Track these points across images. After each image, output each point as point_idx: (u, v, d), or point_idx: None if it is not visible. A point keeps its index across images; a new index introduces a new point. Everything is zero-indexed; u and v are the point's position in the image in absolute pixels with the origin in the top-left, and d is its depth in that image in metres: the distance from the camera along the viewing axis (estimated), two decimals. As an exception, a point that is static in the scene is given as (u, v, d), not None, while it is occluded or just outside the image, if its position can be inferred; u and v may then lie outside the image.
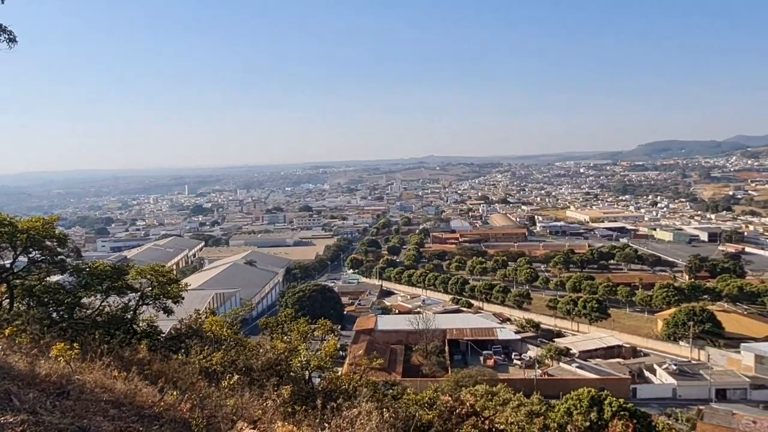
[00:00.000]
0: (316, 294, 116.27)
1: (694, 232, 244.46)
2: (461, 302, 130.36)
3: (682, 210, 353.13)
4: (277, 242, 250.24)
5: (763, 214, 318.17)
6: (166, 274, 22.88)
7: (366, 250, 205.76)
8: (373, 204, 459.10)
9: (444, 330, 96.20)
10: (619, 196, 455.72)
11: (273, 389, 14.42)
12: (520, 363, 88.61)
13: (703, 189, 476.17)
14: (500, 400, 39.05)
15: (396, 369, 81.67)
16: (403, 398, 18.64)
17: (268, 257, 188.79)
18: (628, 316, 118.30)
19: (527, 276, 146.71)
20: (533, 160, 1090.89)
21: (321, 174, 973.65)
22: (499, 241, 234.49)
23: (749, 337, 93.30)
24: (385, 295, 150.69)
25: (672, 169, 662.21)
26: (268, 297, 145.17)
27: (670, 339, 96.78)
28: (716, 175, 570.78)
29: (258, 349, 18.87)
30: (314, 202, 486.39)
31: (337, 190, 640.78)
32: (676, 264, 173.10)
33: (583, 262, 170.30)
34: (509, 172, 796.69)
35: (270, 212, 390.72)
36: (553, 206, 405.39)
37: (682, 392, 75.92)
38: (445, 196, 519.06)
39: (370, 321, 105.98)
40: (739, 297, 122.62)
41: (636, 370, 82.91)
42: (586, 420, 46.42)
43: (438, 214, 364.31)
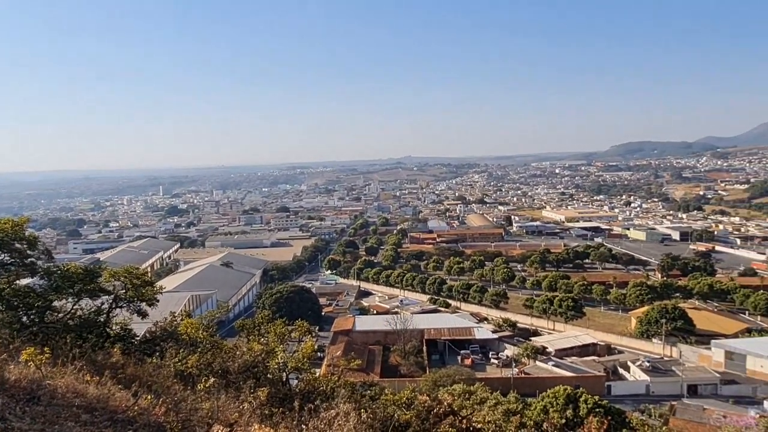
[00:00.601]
0: (293, 295, 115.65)
1: (666, 231, 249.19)
2: (439, 302, 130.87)
3: (655, 210, 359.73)
4: (254, 243, 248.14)
5: (732, 213, 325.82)
6: (140, 276, 22.52)
7: (344, 251, 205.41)
8: (350, 204, 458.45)
9: (422, 330, 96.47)
10: (593, 196, 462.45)
11: (250, 391, 14.30)
12: (498, 362, 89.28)
13: (675, 189, 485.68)
14: (477, 399, 39.32)
15: (374, 369, 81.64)
16: (381, 399, 18.62)
17: (245, 258, 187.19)
18: (603, 314, 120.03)
19: (504, 276, 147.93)
20: (510, 161, 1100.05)
21: (298, 174, 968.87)
22: (476, 241, 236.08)
23: (719, 334, 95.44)
24: (363, 295, 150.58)
25: (645, 170, 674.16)
26: (245, 299, 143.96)
27: (643, 336, 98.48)
28: (687, 175, 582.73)
29: (234, 351, 18.69)
30: (291, 202, 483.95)
31: (314, 191, 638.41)
32: (649, 263, 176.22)
33: (558, 262, 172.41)
34: (486, 173, 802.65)
35: (247, 213, 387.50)
36: (530, 206, 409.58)
37: (655, 388, 77.27)
38: (422, 197, 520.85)
39: (348, 322, 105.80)
40: (710, 294, 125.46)
41: (610, 368, 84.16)
42: (562, 417, 46.94)
43: (415, 215, 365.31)
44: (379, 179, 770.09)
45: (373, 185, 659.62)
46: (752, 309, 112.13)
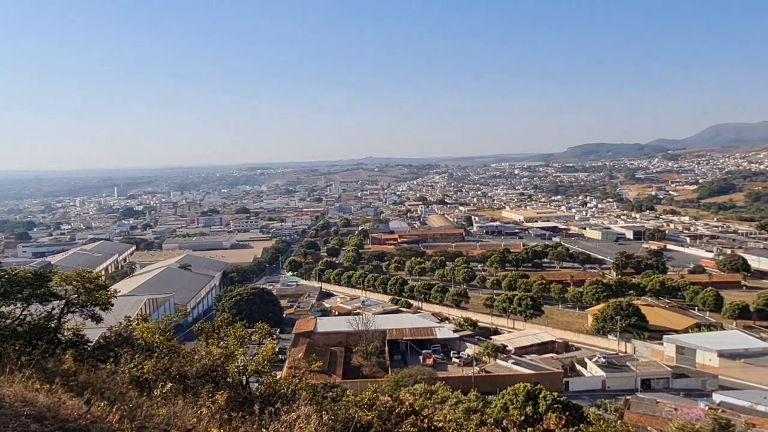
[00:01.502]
0: (253, 297, 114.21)
1: (620, 230, 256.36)
2: (400, 302, 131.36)
3: (610, 210, 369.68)
4: (213, 245, 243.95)
5: (683, 213, 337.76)
6: (93, 280, 21.86)
7: (305, 252, 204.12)
8: (311, 205, 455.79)
9: (384, 330, 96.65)
10: (551, 197, 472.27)
11: (208, 396, 14.05)
12: (459, 361, 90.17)
13: (629, 189, 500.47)
14: (439, 398, 39.62)
15: (336, 371, 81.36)
16: (342, 400, 18.55)
17: (204, 260, 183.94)
18: (561, 312, 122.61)
19: (465, 275, 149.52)
20: (470, 162, 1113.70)
21: (258, 175, 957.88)
22: (437, 241, 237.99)
23: (671, 329, 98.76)
24: (325, 296, 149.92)
25: (600, 171, 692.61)
26: (204, 301, 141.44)
27: (599, 333, 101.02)
28: (640, 176, 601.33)
29: (192, 355, 18.33)
30: (251, 203, 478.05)
31: (275, 192, 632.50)
32: (605, 261, 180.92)
33: (518, 261, 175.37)
34: (447, 173, 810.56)
35: (205, 214, 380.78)
36: (489, 207, 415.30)
37: (610, 384, 79.35)
38: (383, 197, 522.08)
39: (309, 323, 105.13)
40: (662, 292, 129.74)
41: (568, 364, 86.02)
42: (521, 414, 47.72)
43: (377, 215, 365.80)
44: (340, 180, 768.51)
45: (334, 186, 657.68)
46: (701, 305, 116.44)
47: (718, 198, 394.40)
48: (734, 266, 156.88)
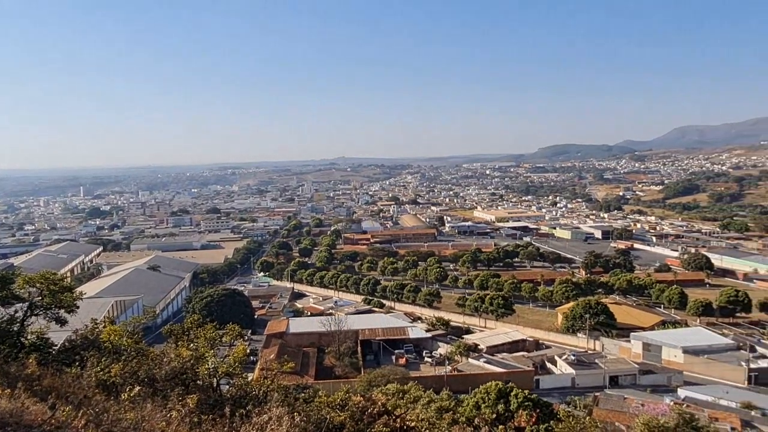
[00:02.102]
0: (225, 298, 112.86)
1: (589, 230, 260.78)
2: (373, 302, 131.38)
3: (579, 209, 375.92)
4: (183, 246, 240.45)
5: (649, 213, 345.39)
6: (58, 281, 21.34)
7: (277, 253, 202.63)
8: (283, 205, 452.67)
9: (356, 331, 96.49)
10: (522, 197, 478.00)
11: (178, 399, 13.84)
12: (431, 360, 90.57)
13: (597, 190, 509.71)
14: (411, 397, 39.71)
15: (308, 372, 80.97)
16: (314, 401, 18.50)
17: (174, 261, 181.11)
18: (532, 311, 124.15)
19: (437, 275, 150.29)
20: (442, 162, 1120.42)
21: (230, 175, 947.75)
22: (409, 241, 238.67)
23: (638, 327, 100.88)
24: (297, 297, 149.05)
25: (569, 171, 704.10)
26: (174, 303, 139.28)
27: (569, 331, 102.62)
28: (608, 176, 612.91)
29: (162, 358, 18.03)
30: (222, 203, 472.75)
31: (246, 192, 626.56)
32: (574, 261, 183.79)
33: (489, 261, 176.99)
34: (419, 174, 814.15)
35: (175, 215, 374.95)
36: (461, 207, 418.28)
37: (580, 381, 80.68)
38: (356, 198, 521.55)
39: (281, 324, 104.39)
40: (629, 290, 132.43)
41: (539, 362, 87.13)
42: (493, 412, 48.15)
43: (349, 215, 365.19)
44: (312, 180, 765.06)
45: (306, 186, 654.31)
46: (667, 303, 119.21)
47: (682, 198, 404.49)
48: (698, 265, 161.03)
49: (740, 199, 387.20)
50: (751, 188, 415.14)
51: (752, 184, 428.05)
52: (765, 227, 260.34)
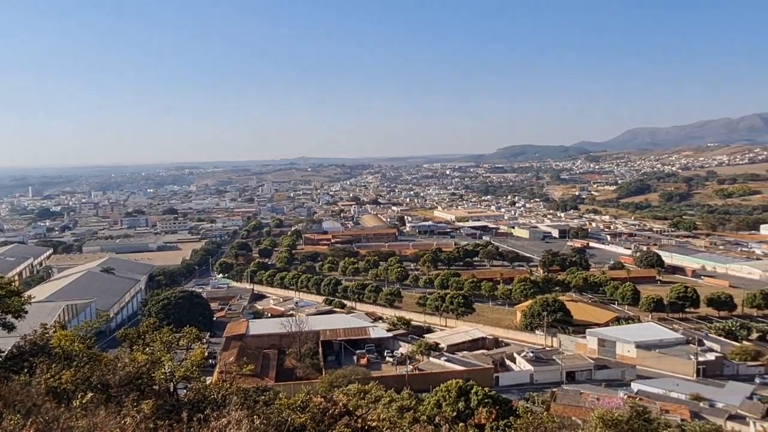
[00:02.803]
0: (182, 301, 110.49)
1: (547, 229, 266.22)
2: (334, 303, 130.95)
3: (537, 209, 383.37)
4: (138, 247, 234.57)
5: (603, 212, 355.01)
6: (4, 285, 20.52)
7: (236, 254, 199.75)
8: (243, 206, 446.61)
9: (317, 331, 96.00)
10: (481, 197, 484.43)
11: (133, 405, 13.48)
12: (392, 360, 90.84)
13: (554, 189, 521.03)
14: (372, 397, 39.74)
15: (269, 374, 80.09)
16: (275, 403, 18.26)
17: (129, 263, 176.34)
18: (491, 309, 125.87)
19: (398, 275, 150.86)
20: (402, 162, 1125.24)
21: (187, 175, 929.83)
22: (370, 241, 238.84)
23: (593, 323, 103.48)
24: (257, 298, 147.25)
25: (527, 171, 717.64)
26: (129, 306, 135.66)
27: (527, 329, 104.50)
28: (565, 177, 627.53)
29: (115, 363, 17.53)
30: (180, 204, 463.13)
31: (204, 192, 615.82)
32: (532, 259, 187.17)
33: (450, 260, 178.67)
34: (380, 174, 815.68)
35: (130, 215, 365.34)
36: (422, 206, 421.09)
37: (538, 377, 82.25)
38: (317, 198, 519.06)
39: (241, 326, 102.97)
40: (585, 287, 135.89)
41: (498, 360, 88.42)
42: (454, 410, 48.62)
43: (310, 216, 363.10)
44: (272, 180, 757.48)
45: (266, 186, 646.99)
46: (620, 299, 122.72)
47: (635, 198, 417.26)
48: (650, 262, 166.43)
49: (689, 199, 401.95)
50: (698, 188, 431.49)
51: (700, 184, 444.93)
52: (712, 226, 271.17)
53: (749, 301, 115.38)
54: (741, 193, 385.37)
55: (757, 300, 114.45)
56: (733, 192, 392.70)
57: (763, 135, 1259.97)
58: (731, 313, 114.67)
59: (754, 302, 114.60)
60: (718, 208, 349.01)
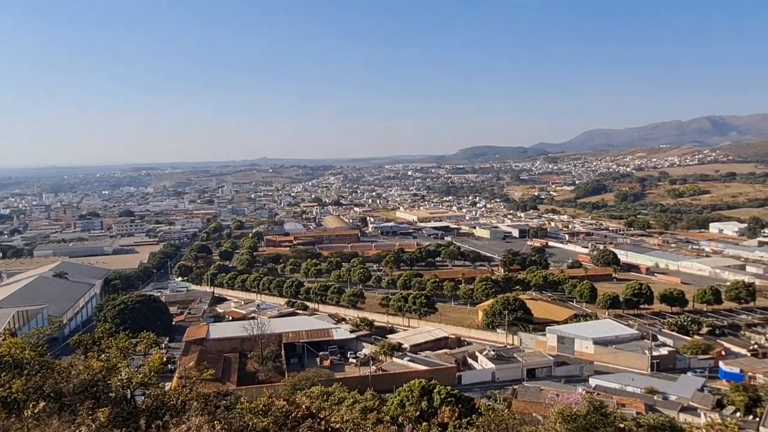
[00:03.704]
0: (140, 305, 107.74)
1: (507, 229, 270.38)
2: (297, 305, 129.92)
3: (498, 209, 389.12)
4: (93, 251, 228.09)
5: (562, 212, 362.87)
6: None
7: (196, 256, 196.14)
8: (202, 207, 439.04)
9: (280, 334, 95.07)
10: (443, 197, 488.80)
11: (88, 414, 13.09)
12: (356, 361, 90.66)
13: (514, 190, 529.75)
14: (335, 399, 39.59)
15: (230, 378, 78.82)
16: (236, 408, 18.00)
17: (83, 268, 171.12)
18: (453, 309, 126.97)
19: (360, 276, 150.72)
20: (364, 163, 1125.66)
21: (144, 176, 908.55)
22: (333, 242, 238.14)
23: (553, 321, 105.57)
24: (218, 302, 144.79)
25: (488, 172, 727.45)
26: (84, 312, 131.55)
27: (489, 327, 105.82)
28: (524, 177, 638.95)
29: (69, 370, 16.98)
30: (137, 206, 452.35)
31: (162, 193, 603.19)
32: (494, 259, 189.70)
33: (412, 261, 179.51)
34: (341, 175, 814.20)
35: (84, 218, 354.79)
36: (384, 207, 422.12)
37: (499, 375, 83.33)
38: (278, 199, 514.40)
39: (201, 330, 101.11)
40: (544, 286, 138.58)
41: (461, 359, 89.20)
42: (417, 410, 48.84)
43: (271, 217, 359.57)
44: (233, 181, 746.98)
45: (226, 187, 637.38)
46: (578, 297, 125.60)
47: (592, 198, 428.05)
48: (606, 260, 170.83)
49: (642, 199, 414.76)
50: (651, 188, 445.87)
51: (653, 184, 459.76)
52: (664, 225, 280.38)
53: (699, 297, 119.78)
54: (691, 193, 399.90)
55: (707, 296, 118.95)
56: (684, 192, 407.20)
57: (712, 137, 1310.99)
58: (683, 309, 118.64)
59: (704, 298, 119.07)
60: (670, 208, 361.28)
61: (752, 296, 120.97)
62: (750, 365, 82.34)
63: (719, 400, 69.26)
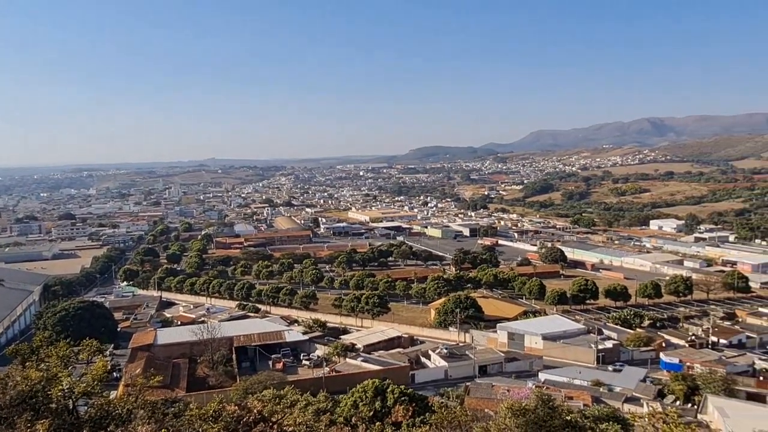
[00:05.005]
0: (82, 312, 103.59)
1: (458, 228, 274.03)
2: (248, 307, 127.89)
3: (449, 209, 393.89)
4: (30, 256, 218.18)
5: (511, 210, 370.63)
6: None
7: (142, 260, 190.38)
8: (148, 209, 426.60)
9: (231, 338, 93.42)
10: (395, 197, 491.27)
11: (26, 426, 12.49)
12: (309, 363, 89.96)
13: (465, 189, 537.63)
14: (288, 402, 39.10)
15: (179, 384, 76.89)
16: (185, 414, 17.52)
17: (20, 273, 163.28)
18: (406, 308, 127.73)
19: (313, 277, 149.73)
20: (315, 164, 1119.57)
21: (85, 177, 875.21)
22: (284, 243, 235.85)
23: (503, 318, 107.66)
24: (166, 306, 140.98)
25: (439, 172, 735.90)
26: (21, 320, 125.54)
27: (441, 326, 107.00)
28: (474, 177, 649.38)
29: (6, 381, 16.15)
30: (78, 208, 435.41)
31: (105, 195, 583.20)
32: (445, 258, 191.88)
33: (364, 261, 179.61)
34: (293, 175, 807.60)
35: (21, 222, 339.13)
36: (336, 208, 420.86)
37: (452, 372, 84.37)
38: (228, 200, 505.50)
39: (148, 336, 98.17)
40: (495, 284, 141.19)
41: (414, 358, 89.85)
42: (371, 410, 48.85)
43: (221, 219, 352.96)
44: (180, 182, 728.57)
45: (174, 188, 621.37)
46: (528, 294, 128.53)
47: (539, 197, 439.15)
48: (554, 258, 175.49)
49: (587, 197, 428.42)
50: (596, 187, 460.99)
51: (597, 183, 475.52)
52: (608, 222, 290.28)
53: (641, 292, 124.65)
54: (633, 192, 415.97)
55: (648, 290, 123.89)
56: (626, 191, 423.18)
57: (651, 137, 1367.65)
58: (626, 303, 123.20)
59: (646, 292, 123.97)
60: (613, 206, 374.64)
61: (690, 290, 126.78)
62: (688, 356, 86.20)
63: (660, 389, 72.29)
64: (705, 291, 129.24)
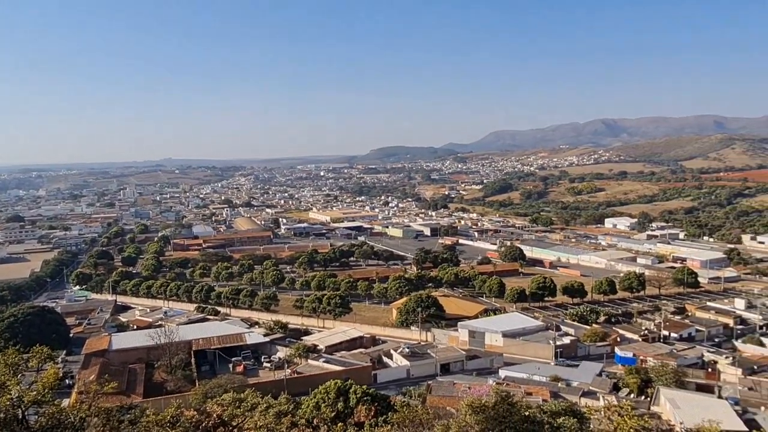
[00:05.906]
0: (32, 317, 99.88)
1: (419, 228, 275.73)
2: (207, 310, 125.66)
3: (409, 208, 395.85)
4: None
5: (471, 210, 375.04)
6: None
7: (95, 263, 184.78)
8: (102, 211, 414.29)
9: (189, 341, 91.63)
10: (356, 197, 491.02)
11: (-29, 438, 11.95)
12: (270, 365, 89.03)
13: (426, 189, 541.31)
14: (248, 405, 38.60)
15: (136, 390, 74.98)
16: (141, 421, 17.10)
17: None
18: (368, 308, 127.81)
19: (274, 278, 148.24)
20: (276, 164, 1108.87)
21: (34, 178, 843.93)
22: (244, 244, 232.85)
23: (464, 316, 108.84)
24: (121, 310, 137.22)
25: (400, 172, 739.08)
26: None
27: (403, 325, 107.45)
28: (435, 177, 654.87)
29: (-51, 392, 15.43)
30: (27, 210, 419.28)
31: (56, 197, 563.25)
32: (407, 257, 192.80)
33: (326, 261, 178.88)
34: (252, 176, 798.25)
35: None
36: (297, 208, 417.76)
37: (414, 371, 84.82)
38: (186, 201, 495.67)
39: (102, 341, 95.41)
40: (456, 282, 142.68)
41: (376, 357, 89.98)
42: (333, 411, 48.70)
43: (179, 220, 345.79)
44: (136, 183, 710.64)
45: (129, 189, 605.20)
46: (488, 292, 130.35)
47: (499, 196, 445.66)
48: (513, 256, 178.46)
49: (545, 197, 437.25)
50: (553, 186, 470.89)
51: (554, 182, 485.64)
52: (565, 221, 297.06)
53: (597, 288, 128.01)
54: (588, 191, 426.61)
55: (603, 287, 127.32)
56: (582, 190, 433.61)
57: (605, 138, 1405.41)
58: (583, 300, 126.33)
59: (601, 289, 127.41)
60: (570, 205, 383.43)
61: (642, 286, 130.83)
62: (641, 349, 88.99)
63: (616, 383, 74.37)
64: (657, 287, 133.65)
